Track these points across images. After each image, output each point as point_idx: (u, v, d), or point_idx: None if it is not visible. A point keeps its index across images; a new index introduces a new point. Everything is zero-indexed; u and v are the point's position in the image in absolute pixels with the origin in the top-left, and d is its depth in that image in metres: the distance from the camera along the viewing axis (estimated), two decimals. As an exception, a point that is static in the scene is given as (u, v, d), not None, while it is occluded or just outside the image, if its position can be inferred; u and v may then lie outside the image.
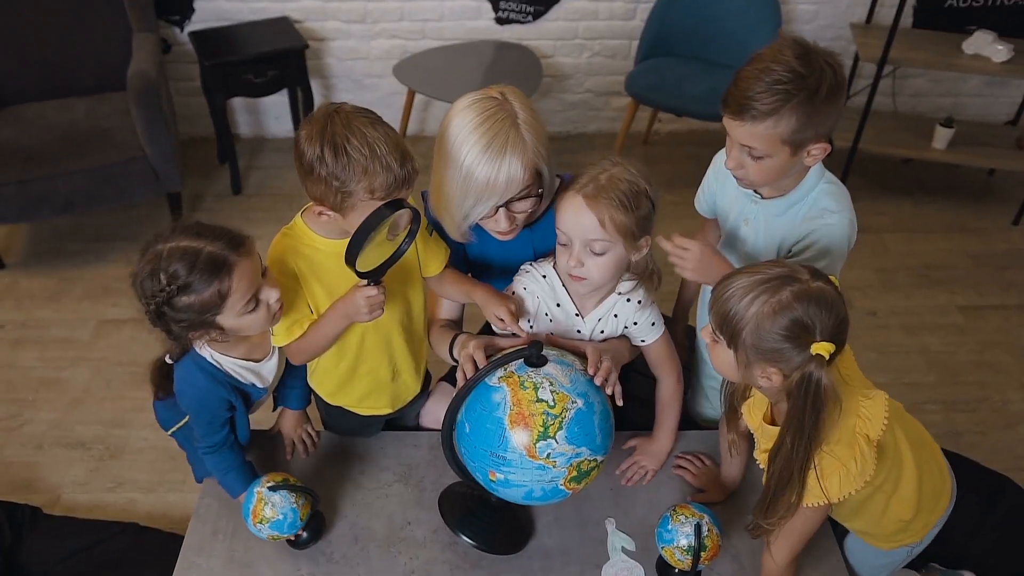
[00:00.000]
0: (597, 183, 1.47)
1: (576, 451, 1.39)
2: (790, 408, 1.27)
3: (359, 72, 3.78)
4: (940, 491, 1.55)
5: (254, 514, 1.50)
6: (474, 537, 1.56)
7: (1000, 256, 3.36)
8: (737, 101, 1.43)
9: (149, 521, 2.26)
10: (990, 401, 2.73)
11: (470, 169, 1.48)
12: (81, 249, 3.25)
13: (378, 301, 1.44)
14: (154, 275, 1.32)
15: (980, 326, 3.02)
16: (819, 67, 1.41)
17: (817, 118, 1.42)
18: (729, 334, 1.27)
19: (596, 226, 1.47)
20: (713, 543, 1.48)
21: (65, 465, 2.45)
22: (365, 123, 1.35)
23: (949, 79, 3.84)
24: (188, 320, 1.36)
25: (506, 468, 1.39)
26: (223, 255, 1.33)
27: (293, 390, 1.75)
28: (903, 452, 1.42)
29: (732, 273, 1.30)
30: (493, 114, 1.48)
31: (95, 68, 3.26)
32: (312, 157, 1.34)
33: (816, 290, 1.22)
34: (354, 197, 1.35)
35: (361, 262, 1.36)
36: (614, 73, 3.82)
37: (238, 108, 3.82)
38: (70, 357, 2.80)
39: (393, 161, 1.33)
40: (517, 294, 1.65)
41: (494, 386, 1.42)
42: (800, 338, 1.22)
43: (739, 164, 1.52)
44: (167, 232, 1.36)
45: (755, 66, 1.42)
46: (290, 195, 3.54)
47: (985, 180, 3.77)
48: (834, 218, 1.56)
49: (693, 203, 1.88)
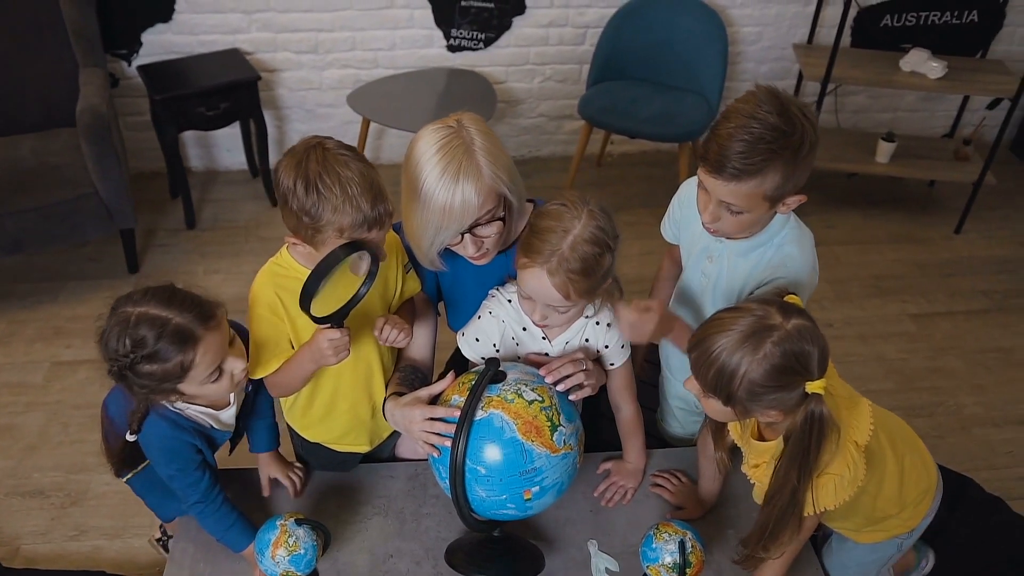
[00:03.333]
0: (560, 255, 1.44)
1: (575, 426, 1.50)
2: (792, 446, 1.29)
3: (311, 102, 3.76)
4: (926, 485, 1.59)
5: (274, 545, 1.46)
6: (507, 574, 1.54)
7: (945, 264, 3.48)
8: (719, 160, 1.40)
9: (116, 568, 2.19)
10: (945, 405, 2.82)
11: (427, 196, 1.48)
12: (31, 290, 3.16)
13: (343, 343, 1.43)
14: (120, 338, 1.32)
15: (931, 333, 3.12)
16: (799, 122, 1.38)
17: (798, 172, 1.42)
18: (724, 395, 1.29)
19: (560, 298, 1.49)
20: (697, 559, 1.49)
21: (23, 515, 2.36)
22: (342, 161, 1.35)
23: (887, 95, 3.98)
24: (149, 386, 1.36)
25: (539, 477, 1.43)
26: (190, 328, 1.33)
27: (258, 432, 1.71)
28: (886, 453, 1.46)
29: (706, 333, 1.30)
30: (448, 141, 1.49)
31: (41, 104, 3.18)
32: (286, 188, 1.35)
33: (794, 331, 1.24)
34: (323, 233, 1.35)
35: (318, 306, 1.36)
36: (566, 97, 3.87)
37: (189, 141, 3.77)
38: (23, 402, 2.71)
39: (364, 202, 1.34)
40: (483, 319, 1.66)
41: (484, 417, 1.43)
42: (793, 383, 1.25)
43: (716, 218, 1.50)
44: (139, 294, 1.36)
45: (734, 123, 1.39)
46: (246, 228, 3.50)
47: (926, 191, 3.91)
48: (796, 265, 1.57)
49: (646, 223, 1.92)
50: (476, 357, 1.67)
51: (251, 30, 3.53)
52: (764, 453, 1.40)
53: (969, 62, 3.59)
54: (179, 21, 3.47)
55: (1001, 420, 2.78)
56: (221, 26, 3.50)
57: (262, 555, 1.48)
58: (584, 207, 1.47)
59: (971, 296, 3.31)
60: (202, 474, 1.53)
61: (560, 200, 1.50)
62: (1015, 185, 3.94)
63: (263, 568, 1.49)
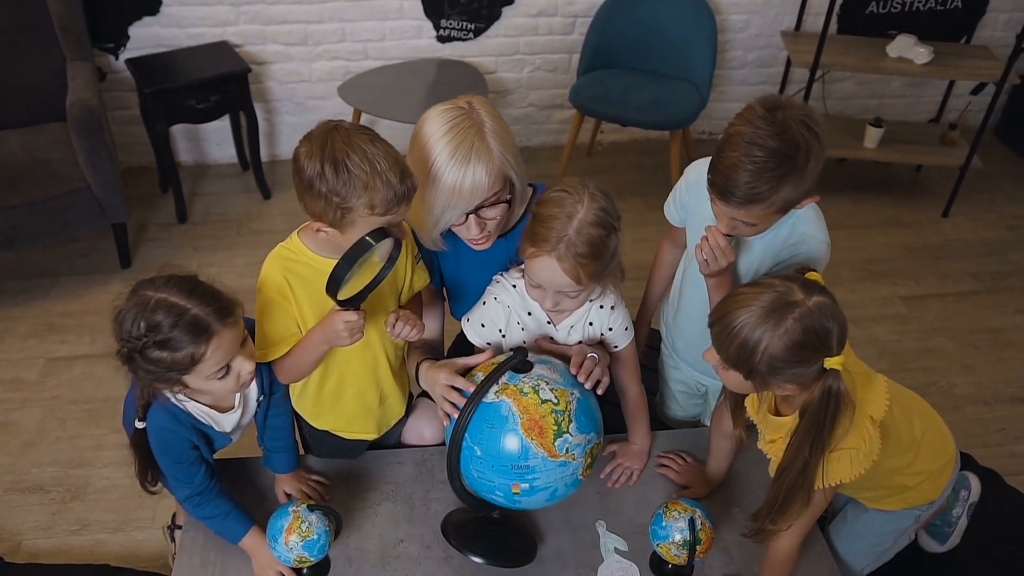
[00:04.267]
0: (567, 240, 1.45)
1: (587, 438, 1.45)
2: (808, 420, 1.31)
3: (301, 94, 3.75)
4: (945, 458, 1.62)
5: (287, 532, 1.47)
6: (490, 556, 1.54)
7: (934, 247, 3.52)
8: (726, 189, 1.42)
9: (119, 562, 2.19)
10: (937, 385, 2.86)
11: (437, 176, 1.50)
12: (23, 286, 3.13)
13: (358, 326, 1.44)
14: (135, 320, 1.31)
15: (921, 315, 3.16)
16: (801, 139, 1.37)
17: (807, 183, 1.43)
18: (744, 369, 1.31)
19: (571, 283, 1.50)
20: (707, 536, 1.51)
21: (23, 511, 2.35)
22: (365, 139, 1.35)
23: (874, 81, 4.02)
24: (155, 373, 1.35)
25: (530, 476, 1.41)
26: (207, 321, 1.32)
27: (277, 454, 1.69)
28: (901, 427, 1.48)
29: (728, 308, 1.31)
30: (459, 122, 1.50)
31: (28, 99, 3.15)
32: (312, 173, 1.34)
33: (815, 308, 1.26)
34: (354, 213, 1.35)
35: (342, 291, 1.37)
36: (556, 87, 3.88)
37: (178, 135, 3.74)
38: (19, 399, 2.69)
39: (393, 177, 1.34)
40: (488, 305, 1.67)
41: (495, 402, 1.43)
42: (813, 358, 1.27)
43: (732, 228, 1.51)
44: (162, 280, 1.34)
45: (736, 151, 1.38)
46: (238, 221, 3.48)
47: (913, 176, 3.95)
48: (813, 243, 1.60)
49: (638, 211, 1.92)
50: (481, 342, 1.67)
51: (239, 22, 3.51)
52: (780, 428, 1.42)
53: (954, 47, 3.63)
54: (166, 14, 3.45)
55: (992, 399, 2.82)
56: (209, 18, 3.48)
57: (275, 541, 1.48)
58: (585, 191, 1.48)
59: (960, 278, 3.35)
60: (196, 470, 1.51)
61: (560, 187, 1.51)
62: (1000, 169, 3.99)
63: (276, 554, 1.49)
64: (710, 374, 1.87)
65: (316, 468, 1.77)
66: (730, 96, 4.03)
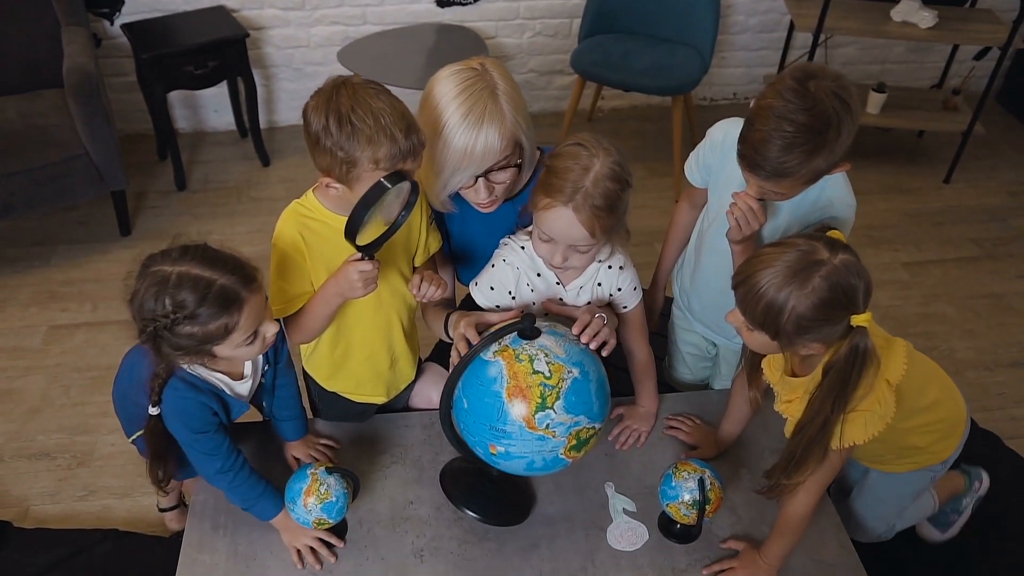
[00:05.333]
0: (584, 191, 1.44)
1: (574, 420, 1.40)
2: (832, 377, 1.31)
3: (299, 60, 3.71)
4: (955, 418, 1.63)
5: (306, 494, 1.47)
6: (478, 511, 1.57)
7: (935, 213, 3.52)
8: (755, 162, 1.41)
9: (127, 526, 2.20)
10: (938, 350, 2.87)
11: (448, 138, 1.48)
12: (23, 254, 3.11)
13: (372, 275, 1.44)
14: (158, 299, 1.27)
15: (923, 280, 3.16)
16: (831, 111, 1.35)
17: (838, 152, 1.41)
18: (771, 330, 1.30)
19: (585, 235, 1.49)
20: (716, 496, 1.52)
21: (30, 477, 2.36)
22: (371, 93, 1.34)
23: (877, 47, 3.99)
24: (185, 347, 1.32)
25: (506, 441, 1.40)
26: (235, 290, 1.30)
27: (286, 422, 1.68)
28: (915, 390, 1.49)
29: (753, 269, 1.29)
30: (472, 84, 1.49)
31: (24, 65, 3.11)
32: (318, 127, 1.33)
33: (842, 266, 1.25)
34: (359, 168, 1.34)
35: (360, 236, 1.36)
36: (556, 52, 3.84)
37: (176, 102, 3.70)
38: (22, 366, 2.69)
39: (398, 132, 1.33)
40: (497, 267, 1.66)
41: (490, 360, 1.42)
42: (840, 316, 1.27)
43: (762, 194, 1.50)
44: (176, 252, 1.31)
45: (766, 125, 1.37)
46: (237, 188, 3.45)
47: (915, 142, 3.94)
48: (841, 207, 1.59)
49: (640, 177, 1.90)
50: (490, 305, 1.67)
51: (236, -14, 3.46)
52: (797, 388, 1.43)
53: (959, 11, 3.59)
54: (162, -23, 3.40)
55: (992, 363, 2.83)
56: (205, -18, 3.43)
57: (293, 503, 1.48)
58: (599, 146, 1.48)
59: (961, 244, 3.35)
60: (221, 439, 1.48)
61: (573, 140, 1.50)
62: (1003, 135, 3.98)
63: (295, 516, 1.49)
64: (725, 334, 1.88)
65: (325, 432, 1.78)
66: (732, 62, 3.99)
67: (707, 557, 1.58)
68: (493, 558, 1.57)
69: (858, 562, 1.58)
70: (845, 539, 1.63)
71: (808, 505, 1.46)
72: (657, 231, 2.05)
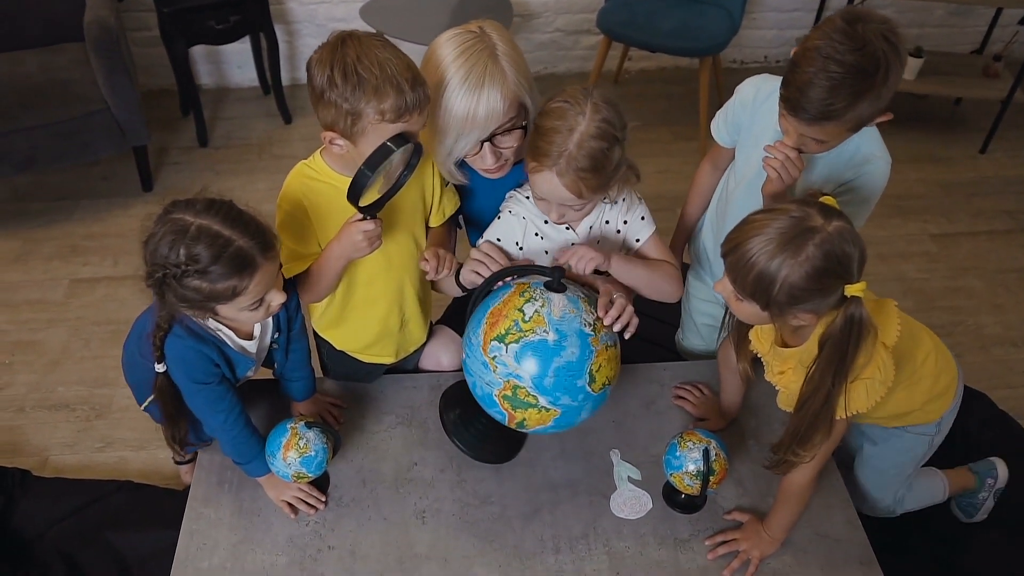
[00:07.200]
0: (568, 155, 1.41)
1: (518, 371, 1.36)
2: (830, 350, 1.27)
3: (322, 16, 3.67)
4: (948, 377, 1.59)
5: (285, 448, 1.48)
6: (461, 441, 1.60)
7: (968, 184, 3.41)
8: (799, 105, 1.36)
9: (142, 478, 2.23)
10: (965, 325, 2.80)
11: (449, 101, 1.46)
12: (45, 208, 3.14)
13: (376, 233, 1.43)
14: (173, 247, 1.26)
15: (952, 253, 3.08)
16: (880, 53, 1.31)
17: (883, 98, 1.37)
18: (763, 300, 1.26)
19: (573, 197, 1.47)
20: (721, 467, 1.51)
21: (50, 427, 2.40)
22: (377, 45, 1.33)
23: (916, 9, 3.85)
24: (190, 300, 1.31)
25: (467, 349, 1.44)
26: (251, 255, 1.28)
27: (295, 383, 1.68)
28: (909, 351, 1.46)
29: (743, 236, 1.25)
30: (471, 47, 1.46)
31: (44, 19, 3.10)
32: (323, 81, 1.31)
33: (835, 233, 1.21)
34: (364, 120, 1.32)
35: (363, 198, 1.35)
36: (583, 11, 3.76)
37: (199, 58, 3.69)
38: (44, 319, 2.73)
39: (404, 82, 1.31)
40: (503, 219, 1.64)
41: (506, 286, 1.47)
42: (834, 286, 1.23)
43: (800, 144, 1.46)
44: (201, 204, 1.29)
45: (812, 65, 1.33)
46: (259, 145, 3.45)
47: (952, 109, 3.82)
48: (879, 164, 1.55)
49: (665, 141, 1.86)
50: None
51: (259, -60, 3.41)
52: (790, 359, 1.40)
53: (1004, -28, 3.45)
54: (184, -70, 3.36)
55: (1020, 340, 2.76)
56: (228, -65, 3.39)
57: (273, 456, 1.49)
58: (587, 101, 1.43)
59: (994, 216, 3.26)
60: (224, 391, 1.48)
61: (562, 96, 1.46)
62: (1044, 103, 3.83)
63: (275, 470, 1.51)
64: None
65: (332, 392, 1.78)
66: (763, 23, 3.88)
67: (711, 528, 1.57)
68: (495, 522, 1.57)
69: (864, 538, 1.56)
70: (852, 514, 1.61)
71: (810, 475, 1.43)
72: (681, 195, 2.01)
